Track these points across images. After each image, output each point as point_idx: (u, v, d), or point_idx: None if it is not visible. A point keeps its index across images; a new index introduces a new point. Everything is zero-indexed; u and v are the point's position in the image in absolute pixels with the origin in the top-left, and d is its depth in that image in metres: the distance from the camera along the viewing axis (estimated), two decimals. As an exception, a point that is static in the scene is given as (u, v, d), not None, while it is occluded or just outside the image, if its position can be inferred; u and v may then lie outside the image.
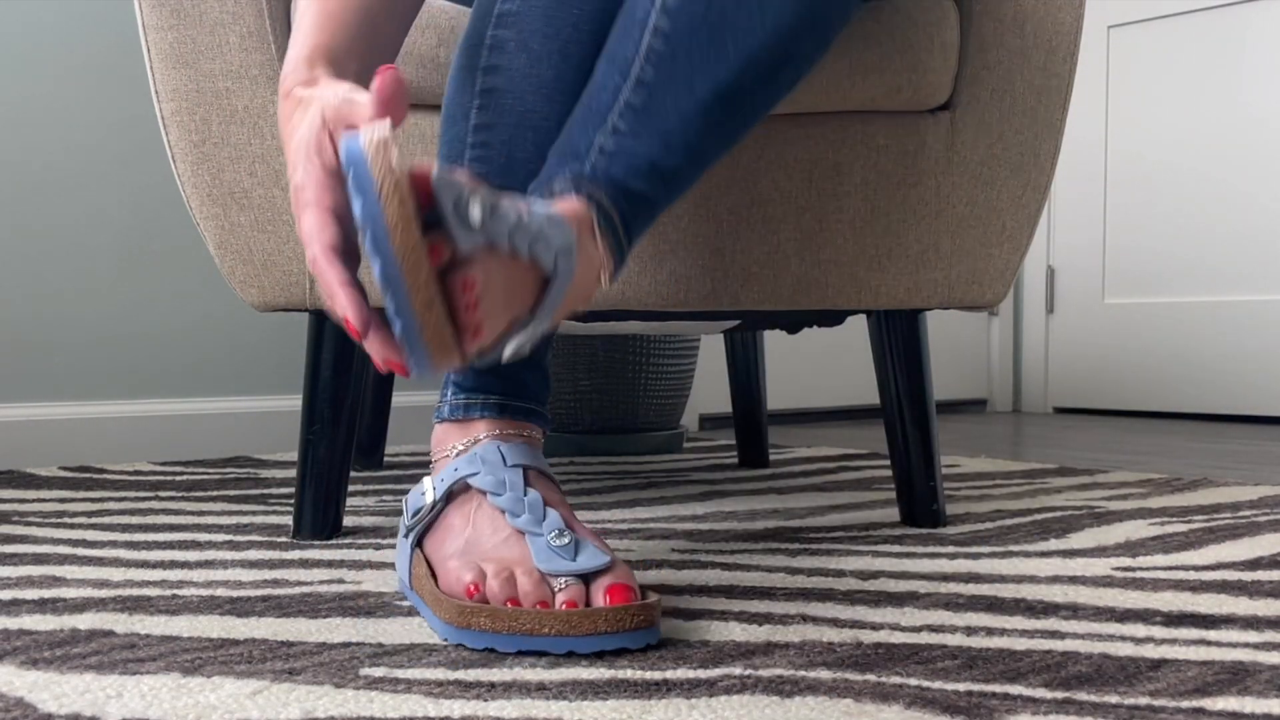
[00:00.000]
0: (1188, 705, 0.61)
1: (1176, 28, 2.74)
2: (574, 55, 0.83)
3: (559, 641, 0.69)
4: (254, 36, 1.05)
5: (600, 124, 0.79)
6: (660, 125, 0.79)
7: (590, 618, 0.69)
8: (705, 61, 0.79)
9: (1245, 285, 2.64)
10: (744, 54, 0.80)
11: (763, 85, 0.82)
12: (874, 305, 1.14)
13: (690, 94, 0.79)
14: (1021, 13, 1.11)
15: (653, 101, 0.79)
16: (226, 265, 1.06)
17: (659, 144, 0.79)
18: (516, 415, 0.85)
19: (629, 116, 0.79)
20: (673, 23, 0.79)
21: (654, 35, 0.80)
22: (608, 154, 0.78)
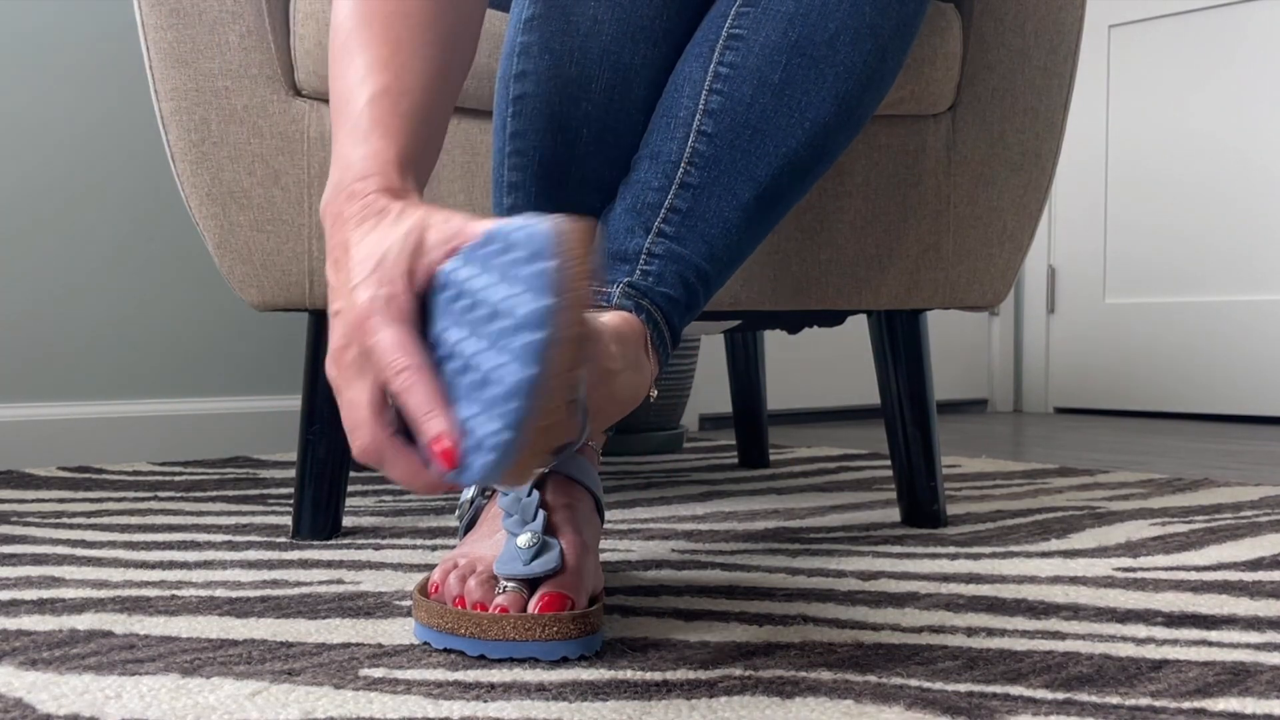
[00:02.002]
0: (1189, 706, 0.61)
1: (1177, 28, 2.74)
2: (594, 50, 0.83)
3: (472, 643, 0.69)
4: (253, 35, 1.05)
5: (647, 228, 0.80)
6: (704, 230, 0.81)
7: (498, 623, 0.69)
8: (747, 163, 0.81)
9: (1245, 285, 2.64)
10: (784, 154, 0.82)
11: (799, 181, 0.84)
12: (874, 305, 1.13)
13: (733, 197, 0.81)
14: (1023, 12, 1.11)
15: (697, 206, 0.81)
16: (226, 265, 1.06)
17: (704, 249, 0.81)
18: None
19: (675, 221, 0.80)
20: (716, 124, 0.81)
21: (698, 138, 0.82)
22: (657, 258, 0.80)
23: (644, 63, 0.84)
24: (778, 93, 0.82)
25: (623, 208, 0.82)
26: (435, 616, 0.71)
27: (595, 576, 0.74)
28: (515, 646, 0.69)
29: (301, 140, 1.05)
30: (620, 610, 0.81)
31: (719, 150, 0.81)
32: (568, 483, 0.79)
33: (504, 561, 0.72)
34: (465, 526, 0.83)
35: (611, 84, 0.83)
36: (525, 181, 0.85)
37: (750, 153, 0.82)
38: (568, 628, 0.69)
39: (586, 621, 0.69)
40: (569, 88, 0.83)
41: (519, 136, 0.84)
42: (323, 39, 1.03)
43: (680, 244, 0.80)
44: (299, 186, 1.05)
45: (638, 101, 0.85)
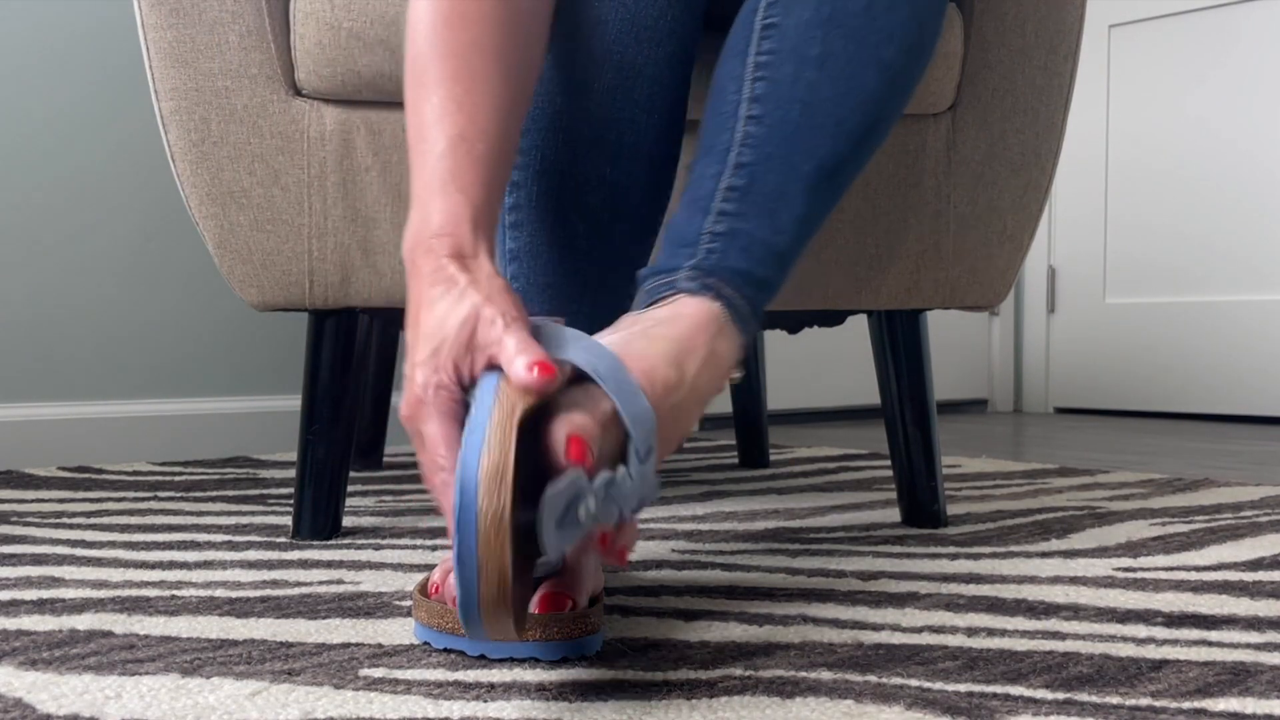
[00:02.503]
0: (1189, 706, 0.60)
1: (1177, 27, 2.74)
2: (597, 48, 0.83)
3: (473, 643, 0.69)
4: (253, 35, 1.05)
5: (706, 210, 0.79)
6: (766, 205, 0.79)
7: None
8: (801, 137, 0.80)
9: (1246, 285, 2.64)
10: (837, 124, 0.81)
11: (857, 151, 0.82)
12: (874, 305, 1.13)
13: (792, 170, 0.79)
14: (1023, 12, 1.11)
15: (755, 182, 0.79)
16: (225, 265, 1.06)
17: (768, 224, 0.79)
18: None
19: (734, 199, 0.79)
20: (763, 107, 0.80)
21: (747, 122, 0.80)
22: (720, 236, 0.77)
23: (648, 61, 0.84)
24: (820, 65, 0.80)
25: (681, 204, 0.81)
26: (436, 616, 0.71)
27: (595, 576, 0.74)
28: (515, 646, 0.68)
29: (301, 140, 1.05)
30: (620, 610, 0.81)
31: (770, 129, 0.80)
32: None
33: None
34: None
35: (614, 83, 0.83)
36: (526, 180, 0.85)
37: (803, 127, 0.80)
38: (568, 627, 0.68)
39: (587, 621, 0.69)
40: (571, 87, 0.83)
41: (522, 134, 0.84)
42: (323, 38, 1.03)
43: (742, 220, 0.78)
44: (299, 186, 1.05)
45: (641, 101, 0.84)
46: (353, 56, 1.03)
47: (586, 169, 0.84)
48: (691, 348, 0.72)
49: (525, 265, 0.85)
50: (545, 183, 0.84)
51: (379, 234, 1.06)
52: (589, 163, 0.84)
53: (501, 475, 0.55)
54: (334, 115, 1.05)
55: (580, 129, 0.83)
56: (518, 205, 0.85)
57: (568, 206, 0.85)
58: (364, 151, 1.06)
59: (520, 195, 0.85)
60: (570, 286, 0.85)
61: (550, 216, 0.85)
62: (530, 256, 0.85)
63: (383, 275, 1.07)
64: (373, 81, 1.03)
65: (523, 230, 0.85)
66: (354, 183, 1.06)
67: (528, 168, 0.85)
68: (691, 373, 0.71)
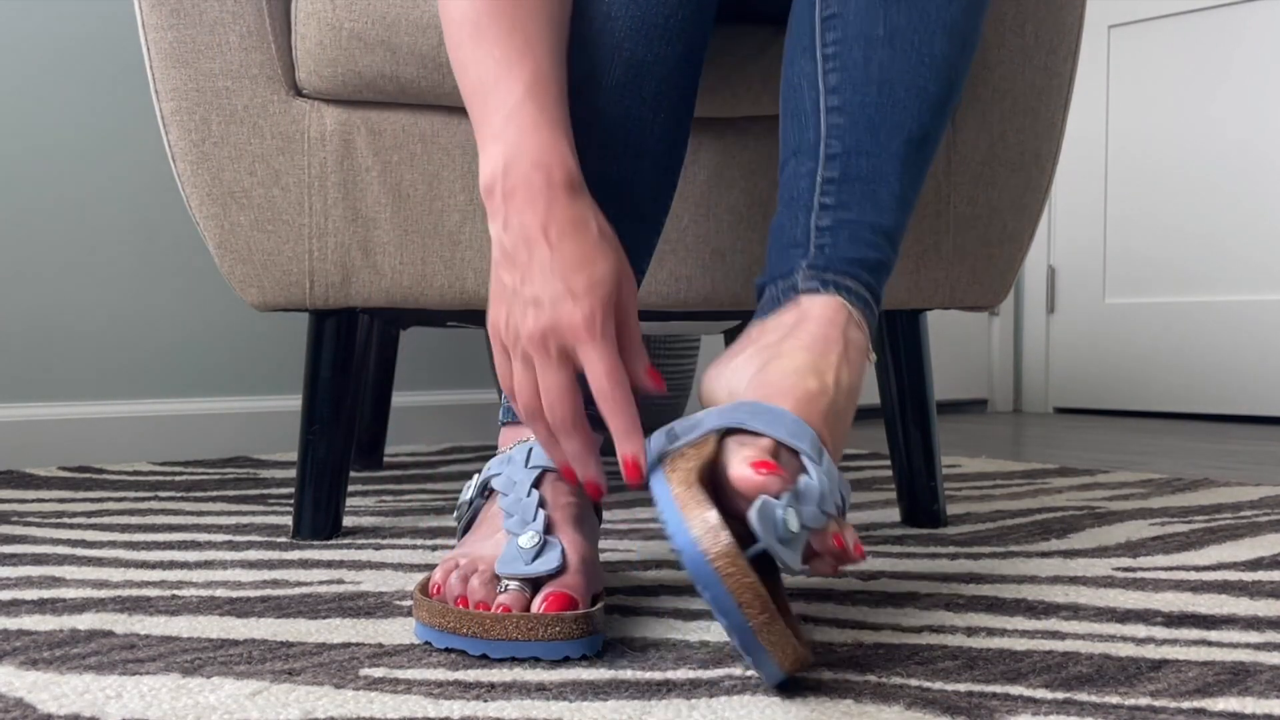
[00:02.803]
0: (1189, 706, 0.61)
1: (1176, 28, 2.74)
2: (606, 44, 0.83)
3: (475, 643, 0.69)
4: (254, 35, 1.05)
5: (808, 208, 0.80)
6: (866, 189, 0.80)
7: (501, 623, 0.69)
8: (885, 115, 0.81)
9: (1245, 285, 2.64)
10: (917, 93, 0.81)
11: (939, 116, 0.83)
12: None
13: (882, 149, 0.80)
14: (1023, 12, 1.11)
15: (850, 169, 0.80)
16: (226, 265, 1.06)
17: (870, 207, 0.79)
18: None
19: (832, 191, 0.80)
20: (841, 97, 0.81)
21: (829, 114, 0.82)
22: (828, 230, 0.79)
23: (656, 59, 0.83)
24: (888, 43, 0.81)
25: (781, 206, 0.83)
26: (437, 616, 0.71)
27: (596, 576, 0.75)
28: (518, 646, 0.68)
29: (302, 140, 1.05)
30: (620, 610, 0.81)
31: (854, 115, 0.81)
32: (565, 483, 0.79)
33: (506, 561, 0.72)
34: (464, 527, 0.83)
35: (623, 80, 0.83)
36: None
37: (885, 105, 0.80)
38: (570, 628, 0.68)
39: (589, 621, 0.69)
40: (579, 82, 0.83)
41: None
42: (324, 39, 1.03)
43: (846, 209, 0.79)
44: (299, 187, 1.05)
45: (649, 98, 0.84)
46: (354, 57, 1.03)
47: (592, 165, 0.83)
48: (826, 349, 0.74)
49: None
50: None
51: (379, 234, 1.06)
52: (595, 159, 0.83)
53: (708, 522, 0.60)
54: (334, 115, 1.05)
55: (587, 125, 0.83)
56: None
57: None
58: (364, 152, 1.06)
59: None
60: None
61: None
62: None
63: (383, 275, 1.07)
64: (373, 82, 1.03)
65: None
66: (354, 183, 1.06)
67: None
68: (833, 374, 0.73)
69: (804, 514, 0.64)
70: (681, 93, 0.86)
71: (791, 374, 0.72)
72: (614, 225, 0.81)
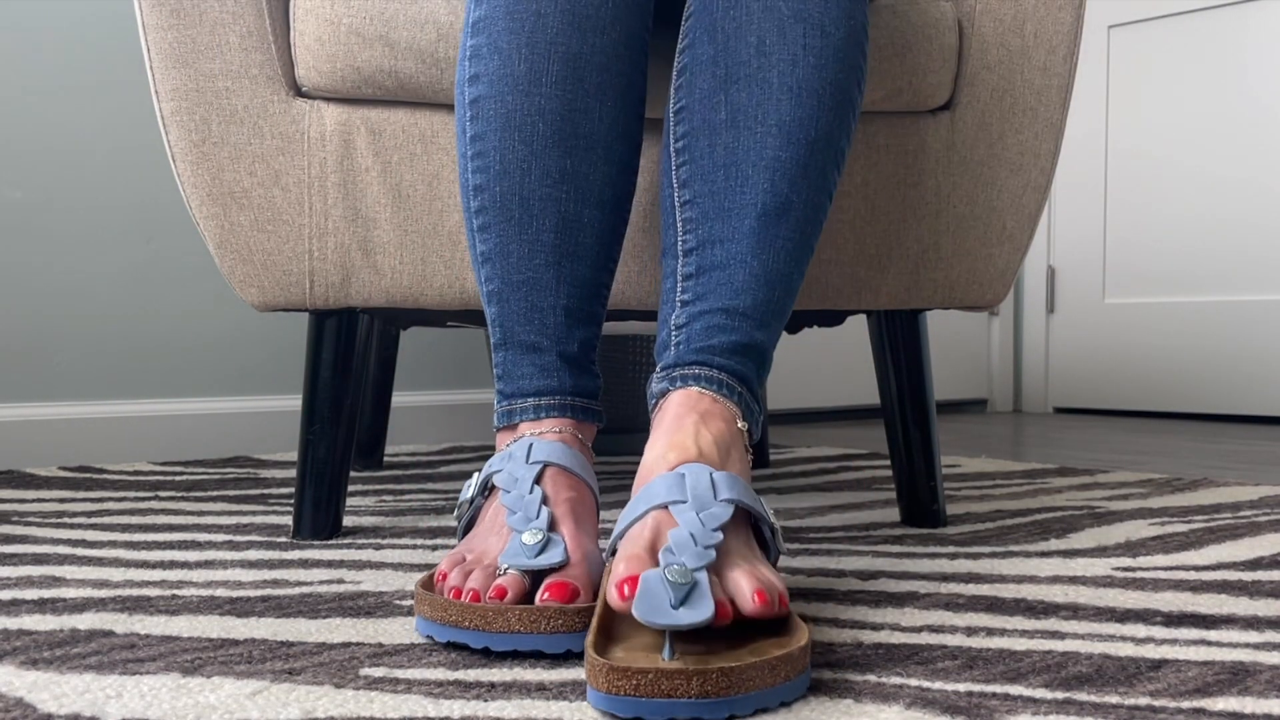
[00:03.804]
0: (1188, 705, 0.61)
1: (1176, 28, 2.74)
2: (540, 43, 0.84)
3: (477, 636, 0.69)
4: (254, 36, 1.05)
5: (671, 309, 0.82)
6: (721, 275, 0.80)
7: (503, 615, 0.68)
8: (732, 197, 0.81)
9: (1245, 285, 2.64)
10: (766, 165, 0.81)
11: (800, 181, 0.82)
12: (874, 305, 1.14)
13: (734, 231, 0.81)
14: (1022, 13, 1.11)
15: (705, 260, 0.81)
16: (226, 265, 1.06)
17: (725, 291, 0.80)
18: (553, 413, 0.85)
19: (690, 288, 0.81)
20: (691, 190, 0.83)
21: (682, 209, 0.83)
22: (683, 328, 0.80)
23: (593, 50, 0.84)
24: (731, 125, 0.81)
25: (659, 312, 0.84)
26: (439, 610, 0.71)
27: (597, 570, 0.75)
28: (520, 639, 0.68)
29: (302, 141, 1.05)
30: (620, 610, 0.81)
31: (703, 205, 0.82)
32: (567, 475, 0.80)
33: (510, 555, 0.73)
34: (464, 527, 0.83)
35: (562, 75, 0.84)
36: (489, 183, 0.86)
37: (733, 188, 0.81)
38: (574, 620, 0.68)
39: (592, 615, 0.68)
40: (520, 84, 0.84)
41: (479, 139, 0.86)
42: (322, 34, 1.03)
43: (701, 301, 0.80)
44: (299, 187, 1.06)
45: (591, 89, 0.85)
46: (352, 52, 1.03)
47: (546, 163, 0.84)
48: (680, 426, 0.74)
49: (498, 266, 0.86)
50: (506, 182, 0.85)
51: (379, 234, 1.06)
52: (547, 156, 0.84)
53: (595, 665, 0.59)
54: (334, 116, 1.05)
55: (534, 124, 0.84)
56: (484, 208, 0.86)
57: (532, 202, 0.85)
58: (364, 152, 1.06)
59: (485, 198, 0.86)
60: (543, 280, 0.85)
61: (516, 213, 0.85)
62: (501, 257, 0.86)
63: (383, 275, 1.07)
64: (372, 77, 1.04)
65: (491, 232, 0.86)
66: (354, 183, 1.06)
67: (488, 170, 0.85)
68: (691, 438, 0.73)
69: (687, 561, 0.63)
70: (626, 80, 0.86)
71: (654, 461, 0.73)
72: (576, 218, 0.83)
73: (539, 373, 0.85)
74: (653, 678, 0.57)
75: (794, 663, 0.61)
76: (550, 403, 0.85)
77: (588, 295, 0.87)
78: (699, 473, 0.70)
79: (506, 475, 0.80)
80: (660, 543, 0.66)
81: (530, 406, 0.85)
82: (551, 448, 0.81)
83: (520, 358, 0.86)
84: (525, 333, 0.86)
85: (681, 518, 0.67)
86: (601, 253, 0.87)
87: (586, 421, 0.86)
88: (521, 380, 0.86)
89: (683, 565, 0.63)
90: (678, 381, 0.78)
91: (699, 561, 0.63)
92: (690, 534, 0.66)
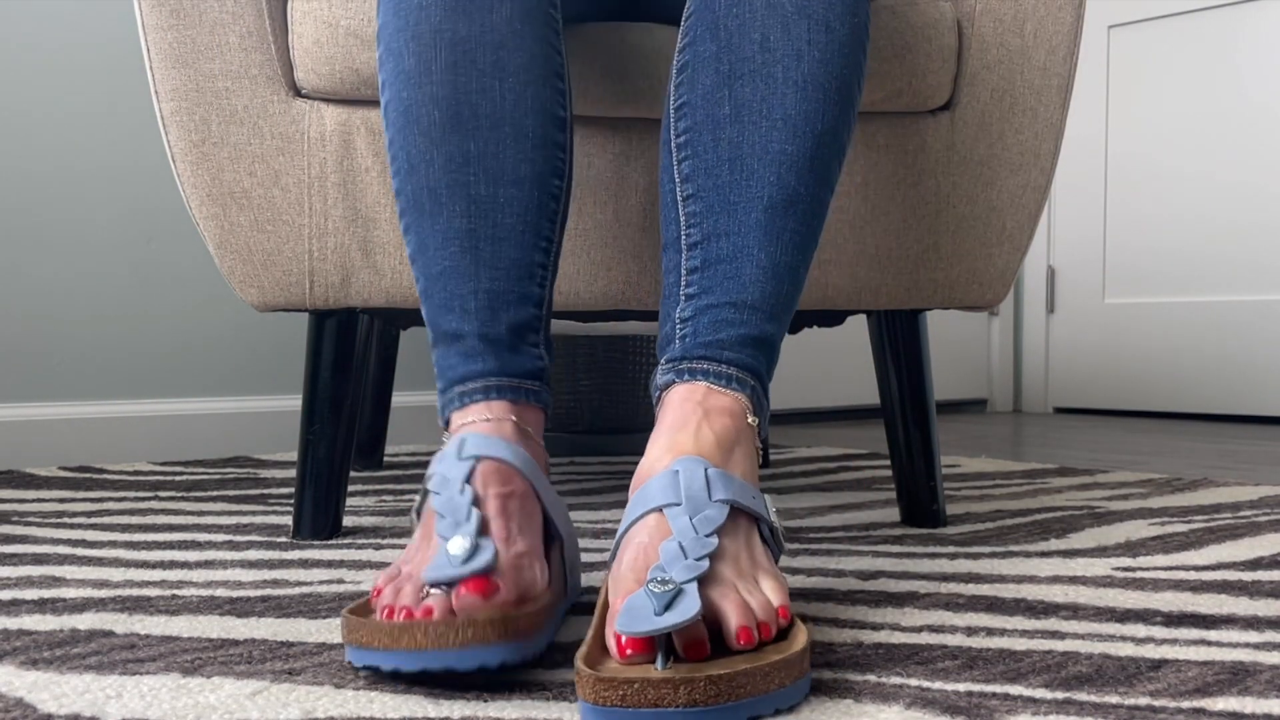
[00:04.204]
0: (1188, 705, 0.61)
1: (1176, 28, 2.74)
2: (425, 33, 0.82)
3: (385, 656, 0.63)
4: (254, 36, 1.05)
5: (675, 303, 0.80)
6: (728, 268, 0.79)
7: (409, 632, 0.62)
8: (738, 190, 0.80)
9: (1245, 285, 2.64)
10: (772, 159, 0.80)
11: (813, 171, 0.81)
12: (874, 305, 1.14)
13: (742, 225, 0.80)
14: (1021, 12, 1.11)
15: (709, 256, 0.80)
16: (226, 265, 1.06)
17: (732, 285, 0.79)
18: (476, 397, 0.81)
19: (695, 280, 0.80)
20: (694, 184, 0.81)
21: (685, 203, 0.81)
22: (689, 321, 0.79)
23: (482, 29, 0.82)
24: (735, 120, 0.81)
25: (661, 305, 0.82)
26: (352, 632, 0.65)
27: (532, 575, 0.70)
28: (428, 656, 0.62)
29: (302, 141, 1.05)
30: (620, 610, 0.81)
31: (708, 199, 0.81)
32: (500, 469, 0.74)
33: (434, 568, 0.67)
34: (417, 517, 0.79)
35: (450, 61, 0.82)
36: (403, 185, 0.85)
37: (738, 181, 0.80)
38: (484, 631, 0.62)
39: (507, 625, 0.63)
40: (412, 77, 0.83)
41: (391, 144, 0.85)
42: (320, 36, 1.03)
43: (707, 295, 0.79)
44: (299, 187, 1.06)
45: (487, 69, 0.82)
46: (351, 54, 1.03)
47: (448, 149, 0.82)
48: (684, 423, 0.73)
49: (420, 264, 0.84)
50: (415, 178, 0.83)
51: (379, 234, 1.06)
52: (447, 143, 0.82)
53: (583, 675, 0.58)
54: (334, 116, 1.05)
55: (429, 114, 0.82)
56: (404, 211, 0.85)
57: (439, 191, 0.83)
58: (364, 152, 1.06)
59: (403, 200, 0.84)
60: (460, 268, 0.82)
61: (427, 207, 0.83)
62: (421, 254, 0.84)
63: (383, 275, 1.07)
64: (371, 79, 1.03)
65: (411, 233, 0.84)
66: (354, 183, 1.06)
67: (400, 172, 0.84)
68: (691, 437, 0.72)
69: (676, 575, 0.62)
70: (528, 55, 0.84)
71: (652, 461, 0.72)
72: (491, 199, 0.81)
73: (461, 360, 0.81)
74: (639, 687, 0.55)
75: (791, 667, 0.59)
76: (474, 387, 0.80)
77: (517, 276, 0.83)
78: (694, 470, 0.68)
79: (439, 477, 0.74)
80: (652, 559, 0.65)
81: (455, 395, 0.81)
82: (482, 441, 0.75)
83: (447, 350, 0.82)
84: (447, 322, 0.82)
85: (675, 523, 0.66)
86: (529, 231, 0.83)
87: (524, 403, 0.81)
88: (448, 370, 0.82)
89: (669, 578, 0.61)
90: (684, 375, 0.76)
91: (688, 575, 0.62)
92: (680, 545, 0.64)
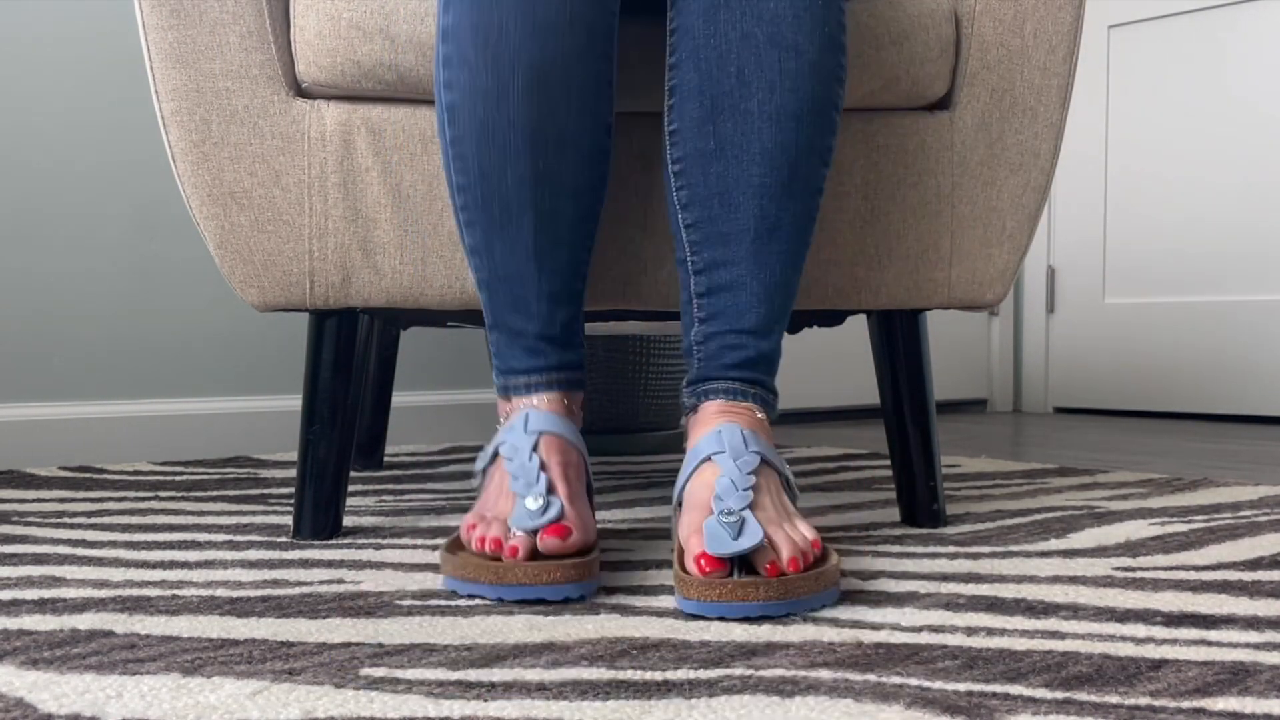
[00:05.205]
0: (1188, 705, 0.61)
1: (1176, 28, 2.74)
2: (505, 55, 0.88)
3: (491, 589, 0.83)
4: (254, 36, 1.05)
5: (691, 321, 0.95)
6: (729, 298, 0.92)
7: (512, 570, 0.82)
8: (728, 221, 0.92)
9: (1245, 285, 2.64)
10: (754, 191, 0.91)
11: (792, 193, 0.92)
12: (874, 305, 1.14)
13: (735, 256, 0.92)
14: (1021, 12, 1.11)
15: (713, 282, 0.93)
16: (226, 265, 1.06)
17: (733, 314, 0.93)
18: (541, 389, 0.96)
19: (704, 304, 0.94)
20: (692, 214, 0.93)
21: (687, 231, 0.94)
22: (702, 344, 0.94)
23: (555, 54, 0.88)
24: (719, 155, 0.91)
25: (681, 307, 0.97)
26: (459, 568, 0.85)
27: (591, 526, 0.89)
28: (527, 590, 0.82)
29: (302, 141, 1.05)
30: (620, 610, 0.81)
31: (705, 230, 0.92)
32: (558, 441, 0.92)
33: (518, 518, 0.85)
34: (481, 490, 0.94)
35: (529, 84, 0.88)
36: (470, 185, 0.93)
37: (727, 215, 0.91)
38: (569, 572, 0.82)
39: (586, 568, 0.83)
40: (490, 97, 0.89)
41: (458, 142, 0.92)
42: (323, 28, 1.03)
43: (715, 321, 0.93)
44: (300, 187, 1.06)
45: (557, 92, 0.89)
46: (353, 46, 1.03)
47: (520, 168, 0.91)
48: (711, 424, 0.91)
49: (484, 259, 0.95)
50: (486, 185, 0.91)
51: (379, 234, 1.06)
52: (520, 162, 0.90)
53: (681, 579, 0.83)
54: (334, 116, 1.05)
55: (505, 133, 0.89)
56: (467, 205, 0.93)
57: (510, 203, 0.92)
58: (364, 152, 1.06)
59: (467, 197, 0.93)
60: (526, 274, 0.94)
61: (496, 213, 0.93)
62: (486, 252, 0.94)
63: (383, 275, 1.07)
64: (372, 71, 1.03)
65: (476, 228, 0.94)
66: (354, 183, 1.06)
67: (468, 173, 0.92)
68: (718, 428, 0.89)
69: (732, 503, 0.83)
70: (592, 75, 0.91)
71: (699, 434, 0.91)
72: (552, 215, 0.92)
73: (526, 354, 0.96)
74: (730, 588, 0.78)
75: (828, 576, 0.82)
76: (538, 380, 0.96)
77: (569, 276, 0.96)
78: (733, 430, 0.89)
79: (509, 445, 0.92)
80: (709, 492, 0.84)
81: (522, 384, 0.96)
82: (545, 418, 0.93)
83: (511, 341, 0.96)
84: (513, 320, 0.96)
85: (722, 465, 0.86)
86: (580, 235, 0.95)
87: (572, 390, 0.98)
88: (513, 360, 0.96)
89: (730, 509, 0.82)
90: (704, 396, 0.93)
91: (742, 503, 0.83)
92: (731, 480, 0.85)
